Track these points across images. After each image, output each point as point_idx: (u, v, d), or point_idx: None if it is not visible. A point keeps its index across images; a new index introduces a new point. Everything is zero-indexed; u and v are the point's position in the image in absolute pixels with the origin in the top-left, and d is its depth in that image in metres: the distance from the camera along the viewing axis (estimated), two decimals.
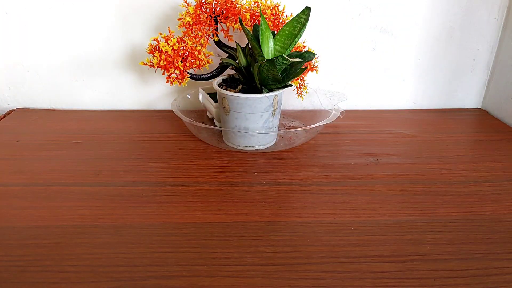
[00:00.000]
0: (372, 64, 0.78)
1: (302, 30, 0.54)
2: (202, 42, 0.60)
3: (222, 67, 0.66)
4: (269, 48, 0.55)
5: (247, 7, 0.61)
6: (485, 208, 0.48)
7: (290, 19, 0.54)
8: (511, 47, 0.74)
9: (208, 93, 0.69)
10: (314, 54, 0.57)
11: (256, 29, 0.56)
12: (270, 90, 0.57)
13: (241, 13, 0.60)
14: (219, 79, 0.63)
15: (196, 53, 0.59)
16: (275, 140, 0.64)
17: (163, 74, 0.60)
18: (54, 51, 0.74)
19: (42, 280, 0.36)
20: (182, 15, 0.60)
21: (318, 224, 0.44)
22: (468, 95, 0.82)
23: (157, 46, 0.59)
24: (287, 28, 0.54)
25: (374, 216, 0.46)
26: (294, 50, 0.62)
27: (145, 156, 0.59)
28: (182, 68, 0.59)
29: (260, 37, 0.54)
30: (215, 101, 0.66)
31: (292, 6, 0.65)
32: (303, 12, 0.53)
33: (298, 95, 0.69)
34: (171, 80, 0.61)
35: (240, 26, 0.58)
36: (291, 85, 0.59)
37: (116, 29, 0.72)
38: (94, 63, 0.75)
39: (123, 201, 0.48)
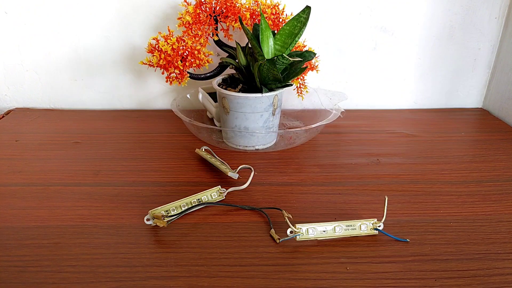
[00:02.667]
0: (373, 64, 0.77)
1: (303, 29, 0.53)
2: (202, 42, 0.60)
3: (222, 67, 0.66)
4: (269, 47, 0.55)
5: (247, 6, 0.61)
6: (486, 208, 0.47)
7: (290, 18, 0.54)
8: None
9: (208, 93, 0.69)
10: (315, 54, 0.56)
11: (256, 28, 0.56)
12: (270, 90, 0.57)
13: (241, 12, 0.60)
14: (219, 79, 0.63)
15: (196, 52, 0.59)
16: (275, 140, 0.63)
17: (163, 73, 0.60)
18: (53, 51, 0.74)
19: (41, 281, 0.36)
20: (182, 14, 0.60)
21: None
22: (469, 95, 0.82)
23: (157, 46, 0.59)
24: (287, 28, 0.54)
25: (374, 216, 0.45)
26: (294, 50, 0.62)
27: (144, 156, 0.59)
28: (181, 68, 0.59)
29: (260, 37, 0.54)
30: (215, 101, 0.65)
31: (292, 5, 0.64)
32: (303, 11, 0.53)
33: (299, 95, 0.69)
34: (171, 79, 0.61)
35: (240, 26, 0.58)
36: (291, 85, 0.59)
37: (115, 29, 0.72)
38: (94, 63, 0.75)
39: (123, 201, 0.48)
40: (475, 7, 0.73)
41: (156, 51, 0.59)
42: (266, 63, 0.51)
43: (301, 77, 0.67)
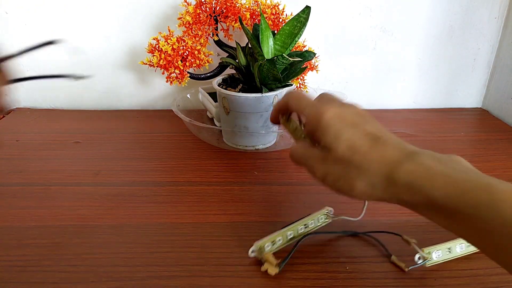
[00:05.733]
0: (373, 64, 0.77)
1: (302, 29, 0.53)
2: (202, 42, 0.60)
3: (222, 67, 0.66)
4: (269, 47, 0.55)
5: (247, 6, 0.61)
6: None
7: (290, 18, 0.54)
8: None
9: (208, 93, 0.69)
10: (314, 54, 0.57)
11: (256, 28, 0.56)
12: (270, 90, 0.57)
13: (241, 12, 0.60)
14: (219, 79, 0.63)
15: (196, 52, 0.59)
16: (275, 140, 0.63)
17: (163, 73, 0.60)
18: (53, 51, 0.74)
19: (41, 280, 0.36)
20: (182, 15, 0.60)
21: None
22: (469, 95, 0.82)
23: (157, 46, 0.59)
24: (287, 28, 0.54)
25: (374, 216, 0.45)
26: (294, 50, 0.62)
27: (145, 156, 0.59)
28: (182, 68, 0.59)
29: (260, 37, 0.54)
30: (215, 101, 0.65)
31: (292, 5, 0.64)
32: (303, 11, 0.53)
33: None
34: (171, 79, 0.61)
35: (240, 26, 0.58)
36: (291, 85, 0.59)
37: (116, 29, 0.72)
38: (94, 63, 0.75)
39: (123, 201, 0.48)
40: (474, 7, 0.73)
41: (157, 51, 0.59)
42: (266, 63, 0.51)
43: (301, 77, 0.67)
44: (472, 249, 0.39)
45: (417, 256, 0.37)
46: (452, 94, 0.82)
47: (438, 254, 0.38)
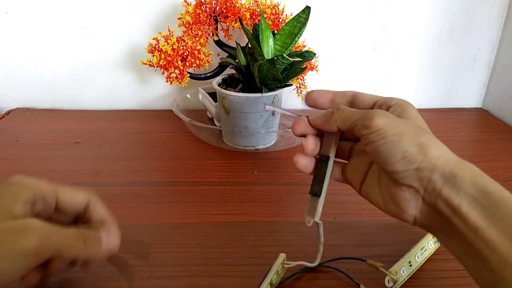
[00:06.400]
0: (372, 64, 0.77)
1: (302, 29, 0.53)
2: (202, 42, 0.60)
3: (222, 67, 0.66)
4: (269, 47, 0.55)
5: (247, 6, 0.61)
6: None
7: (290, 18, 0.54)
8: None
9: (208, 93, 0.69)
10: (314, 54, 0.57)
11: (256, 28, 0.56)
12: (270, 90, 0.57)
13: (241, 12, 0.60)
14: (219, 79, 0.63)
15: (196, 52, 0.59)
16: (275, 140, 0.63)
17: (163, 73, 0.60)
18: (54, 51, 0.74)
19: None
20: (182, 15, 0.60)
21: None
22: (469, 95, 0.82)
23: (157, 46, 0.59)
24: (287, 28, 0.54)
25: (374, 216, 0.45)
26: (294, 50, 0.62)
27: (145, 156, 0.59)
28: (181, 68, 0.59)
29: (260, 37, 0.54)
30: (215, 101, 0.65)
31: (292, 5, 0.64)
32: (303, 11, 0.53)
33: (298, 95, 0.69)
34: (171, 79, 0.61)
35: (240, 26, 0.58)
36: (291, 85, 0.59)
37: (115, 28, 0.72)
38: (94, 63, 0.75)
39: (123, 201, 0.48)
40: (474, 7, 0.73)
41: (156, 51, 0.59)
42: (266, 63, 0.51)
43: (301, 77, 0.67)
44: (427, 254, 0.39)
45: (386, 279, 0.35)
46: (452, 94, 0.82)
47: (402, 270, 0.36)
